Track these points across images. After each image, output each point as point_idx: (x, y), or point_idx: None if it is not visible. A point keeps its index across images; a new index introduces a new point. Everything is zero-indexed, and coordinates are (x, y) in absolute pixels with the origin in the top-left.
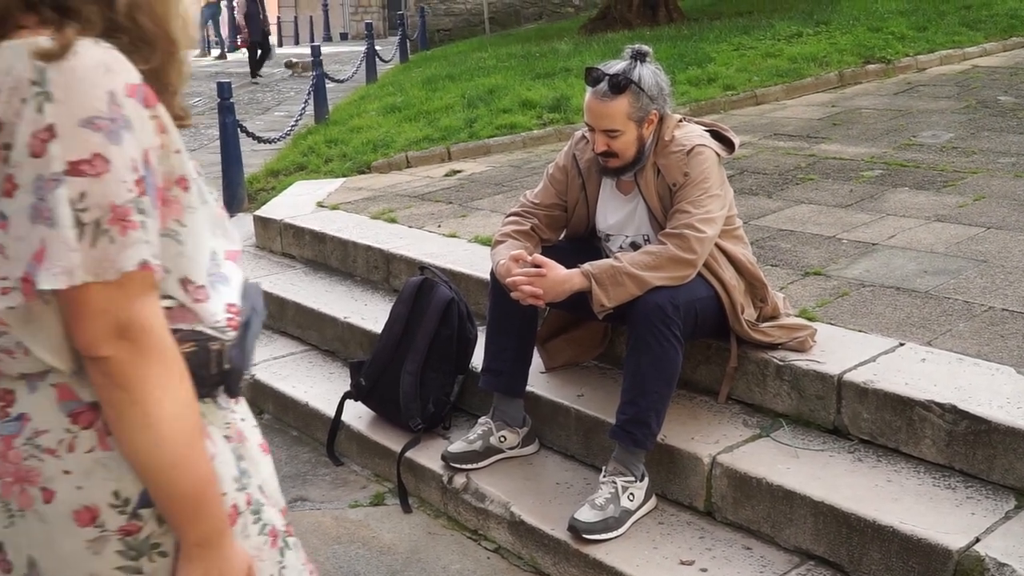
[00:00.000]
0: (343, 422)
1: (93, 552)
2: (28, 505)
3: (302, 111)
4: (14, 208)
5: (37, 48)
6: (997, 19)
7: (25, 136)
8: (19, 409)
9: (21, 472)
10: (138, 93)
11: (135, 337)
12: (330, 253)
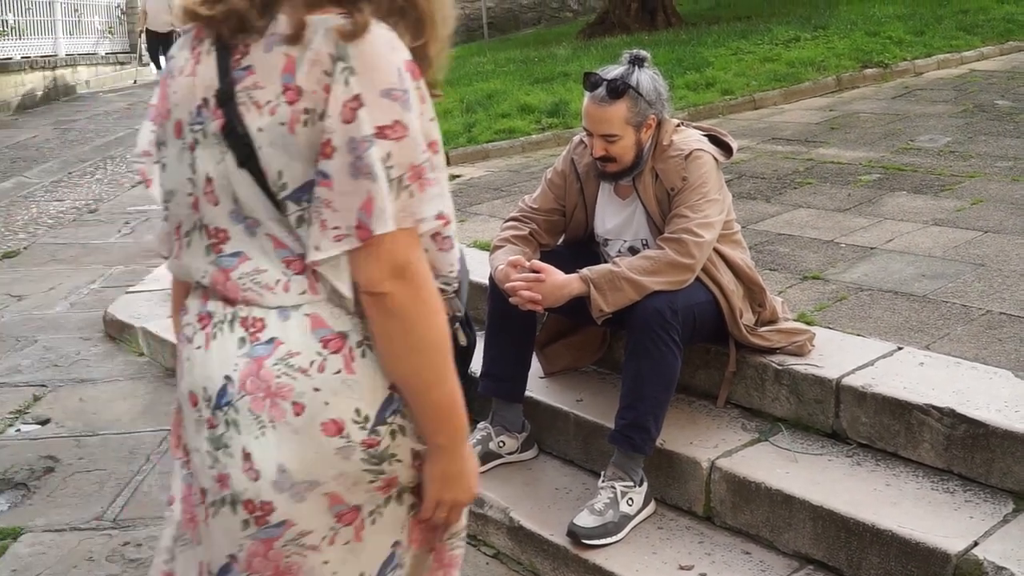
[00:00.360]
0: None
1: (342, 457)
2: (280, 417)
3: None
4: (335, 167)
5: (340, 28)
6: (994, 23)
7: (337, 105)
8: (270, 334)
9: (273, 389)
10: (411, 68)
11: (410, 277)
12: None
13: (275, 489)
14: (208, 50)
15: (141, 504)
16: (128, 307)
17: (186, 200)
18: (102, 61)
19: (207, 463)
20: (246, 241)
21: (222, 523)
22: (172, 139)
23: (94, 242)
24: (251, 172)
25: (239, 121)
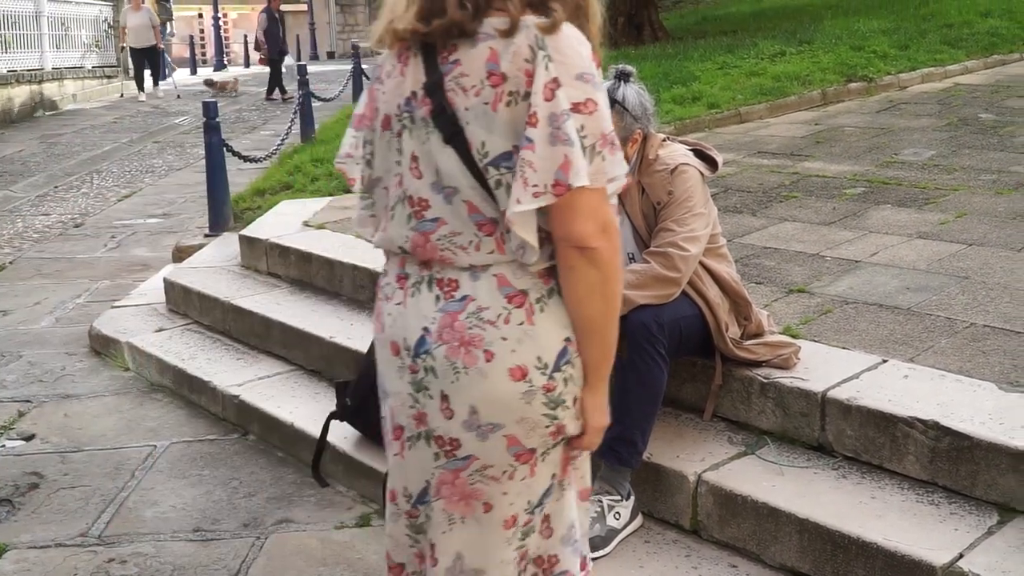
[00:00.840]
0: (329, 442)
1: (525, 401)
2: (472, 363)
3: (288, 130)
4: (538, 135)
5: (540, 24)
6: (978, 37)
7: (539, 86)
8: (463, 292)
9: (466, 338)
10: (595, 58)
11: (612, 233)
12: (316, 273)
13: (464, 428)
14: (415, 54)
15: (126, 520)
16: (113, 322)
17: (393, 180)
18: (89, 75)
19: (407, 403)
20: (444, 208)
21: (418, 455)
22: (380, 133)
23: (80, 256)
24: (455, 147)
25: (448, 104)
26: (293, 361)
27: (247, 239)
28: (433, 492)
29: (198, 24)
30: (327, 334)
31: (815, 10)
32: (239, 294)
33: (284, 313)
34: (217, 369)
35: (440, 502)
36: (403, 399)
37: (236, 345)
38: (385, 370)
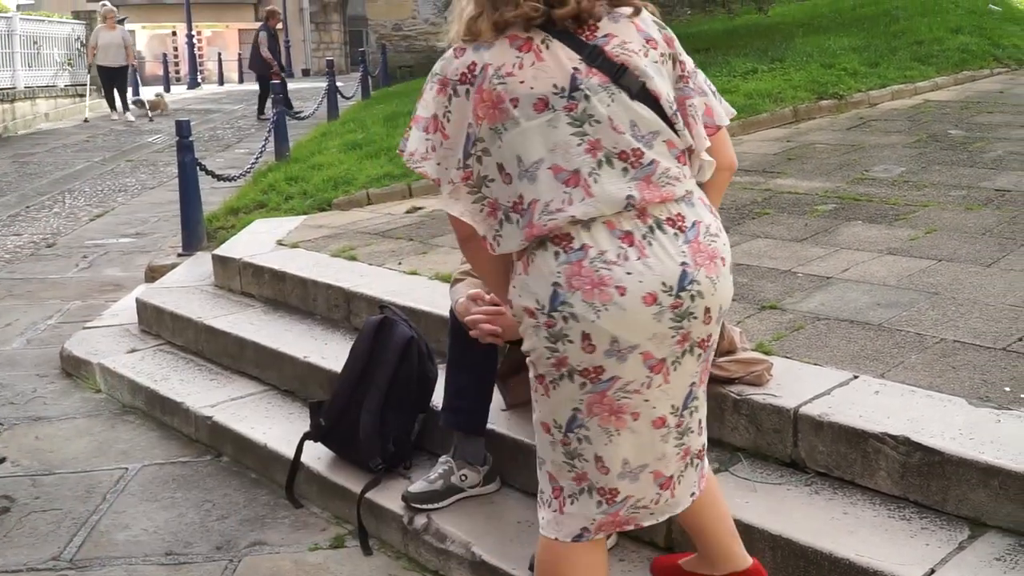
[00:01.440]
0: (303, 463)
1: (656, 320)
2: (719, 272)
3: (262, 148)
4: (693, 88)
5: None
6: (949, 54)
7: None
8: (691, 220)
9: (710, 253)
10: None
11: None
12: (290, 292)
13: (715, 325)
14: (546, 42)
15: (98, 544)
16: (85, 343)
17: (577, 151)
18: (61, 93)
19: (668, 336)
20: (653, 151)
21: (684, 368)
22: (531, 117)
23: (51, 277)
24: (642, 99)
25: (627, 66)
26: (267, 381)
27: (220, 258)
28: (697, 385)
29: (171, 42)
30: (301, 354)
31: (787, 28)
32: (212, 314)
33: (258, 333)
34: (190, 390)
35: (703, 387)
36: (662, 337)
37: (209, 366)
38: (631, 326)
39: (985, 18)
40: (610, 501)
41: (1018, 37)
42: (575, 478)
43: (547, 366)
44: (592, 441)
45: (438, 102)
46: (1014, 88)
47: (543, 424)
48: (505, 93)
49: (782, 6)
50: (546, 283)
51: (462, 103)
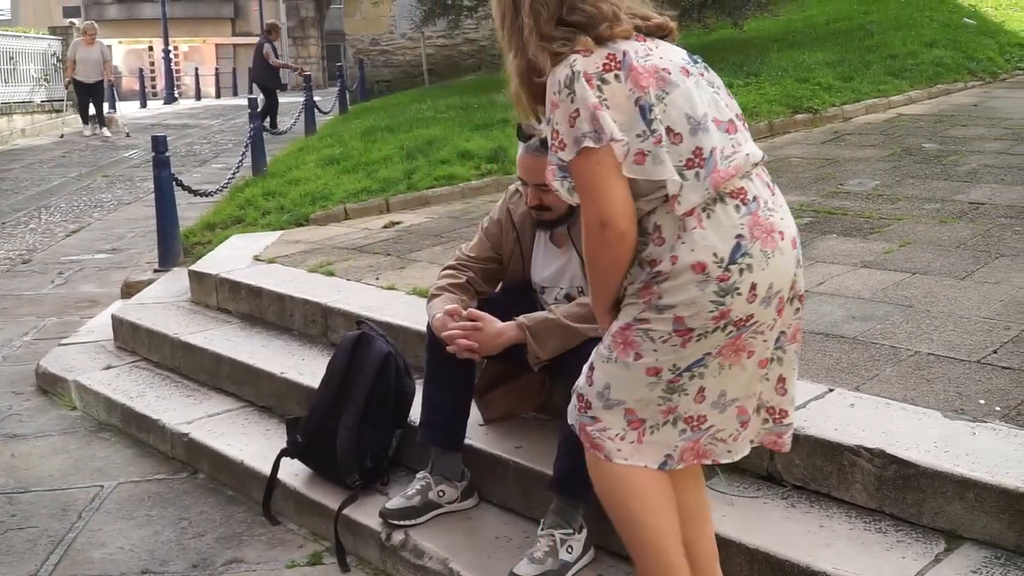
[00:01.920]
0: (280, 480)
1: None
2: (774, 246)
3: (239, 163)
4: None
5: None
6: (923, 67)
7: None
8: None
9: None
10: None
11: None
12: (267, 307)
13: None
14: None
15: (75, 562)
16: (60, 360)
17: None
18: (38, 109)
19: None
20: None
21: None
22: (682, 81)
23: (27, 293)
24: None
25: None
26: (244, 397)
27: (197, 274)
28: (788, 338)
29: (148, 57)
30: (278, 370)
31: (762, 43)
32: (188, 330)
33: (234, 349)
34: (166, 407)
35: (794, 344)
36: (790, 277)
37: (185, 382)
38: (785, 271)
39: (959, 31)
40: (695, 428)
41: (992, 50)
42: (664, 411)
43: (705, 319)
44: (704, 377)
45: (592, 94)
46: (988, 101)
47: (652, 369)
48: (658, 64)
49: (757, 21)
50: (728, 236)
51: (616, 88)
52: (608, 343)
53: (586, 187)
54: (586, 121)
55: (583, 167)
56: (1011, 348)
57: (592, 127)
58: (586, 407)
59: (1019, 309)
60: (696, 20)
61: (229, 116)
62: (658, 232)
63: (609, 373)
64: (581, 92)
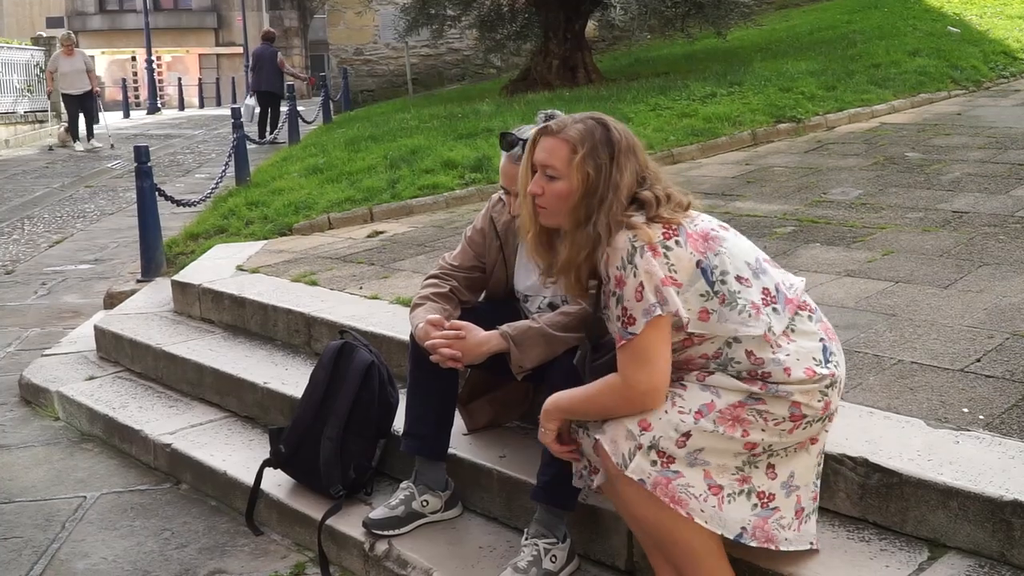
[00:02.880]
0: (263, 490)
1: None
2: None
3: (223, 173)
4: None
5: None
6: (906, 76)
7: None
8: None
9: None
10: None
11: None
12: (250, 317)
13: None
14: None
15: (58, 572)
16: (43, 370)
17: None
18: (21, 120)
19: None
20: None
21: None
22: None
23: (10, 304)
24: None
25: None
26: (227, 408)
27: (180, 284)
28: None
29: (131, 67)
30: (261, 380)
31: (745, 52)
32: (171, 340)
33: (217, 359)
34: (149, 417)
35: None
36: None
37: (168, 392)
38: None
39: (943, 40)
40: (764, 505)
41: (976, 59)
42: (739, 480)
43: (816, 409)
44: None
45: (660, 263)
46: (972, 110)
47: (751, 444)
48: (706, 227)
49: (740, 31)
50: (815, 340)
51: (679, 252)
52: (714, 418)
53: (644, 355)
54: (652, 293)
55: (649, 336)
56: (994, 357)
57: (657, 298)
58: (668, 461)
59: (1002, 318)
60: (679, 30)
61: (213, 126)
62: (752, 355)
63: (708, 440)
64: (646, 265)
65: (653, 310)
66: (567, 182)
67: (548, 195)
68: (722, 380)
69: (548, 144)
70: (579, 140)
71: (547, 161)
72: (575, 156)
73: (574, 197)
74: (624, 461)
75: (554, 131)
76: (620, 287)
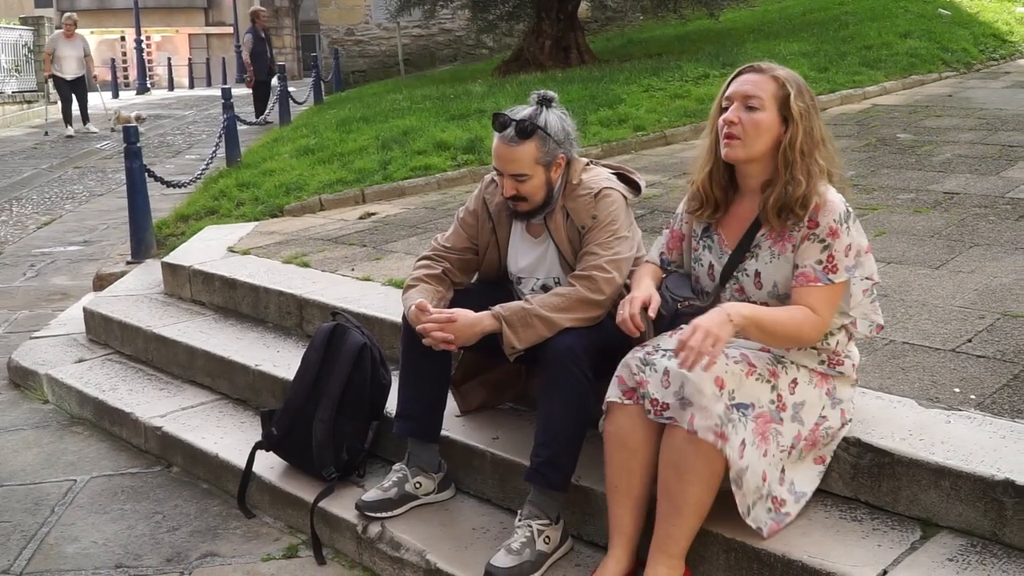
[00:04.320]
0: (255, 473)
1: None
2: None
3: (213, 154)
4: None
5: None
6: (897, 58)
7: None
8: None
9: None
10: None
11: None
12: (241, 299)
13: None
14: None
15: (48, 557)
16: (32, 353)
17: None
18: (9, 100)
19: None
20: None
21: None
22: None
23: None
24: None
25: None
26: (218, 390)
27: (170, 266)
28: None
29: (120, 47)
30: (253, 362)
31: (738, 34)
32: (162, 323)
33: (208, 341)
34: (139, 400)
35: None
36: None
37: (159, 375)
38: None
39: (934, 22)
40: (777, 510)
41: (967, 41)
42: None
43: (848, 419)
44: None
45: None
46: (963, 92)
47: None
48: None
49: (732, 12)
50: (856, 354)
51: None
52: (801, 447)
53: (835, 304)
54: (853, 257)
55: (836, 292)
56: (985, 337)
57: (856, 262)
58: (780, 504)
59: (993, 298)
60: (672, 11)
61: (203, 107)
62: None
63: (798, 471)
64: (857, 232)
65: (848, 272)
66: (769, 114)
67: (747, 124)
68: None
69: (753, 78)
70: (788, 79)
71: (753, 92)
72: (783, 92)
73: (773, 130)
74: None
75: (762, 69)
76: (833, 237)
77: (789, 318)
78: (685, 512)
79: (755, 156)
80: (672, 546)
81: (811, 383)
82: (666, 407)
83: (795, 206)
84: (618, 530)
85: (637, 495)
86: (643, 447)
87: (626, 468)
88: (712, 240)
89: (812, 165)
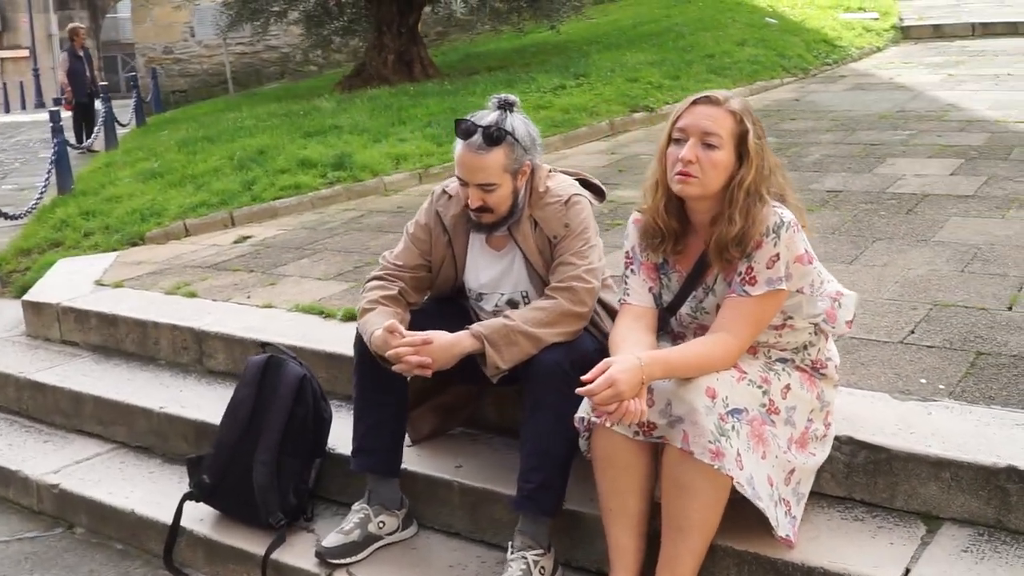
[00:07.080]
0: (183, 527)
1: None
2: None
3: (47, 181)
4: None
5: None
6: (741, 65)
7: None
8: None
9: None
10: None
11: None
12: (124, 336)
13: None
14: None
15: None
16: None
17: None
18: None
19: None
20: None
21: None
22: None
23: None
24: None
25: None
26: (113, 438)
27: (32, 304)
28: None
29: None
30: (155, 405)
31: (576, 45)
32: (34, 367)
33: (95, 385)
34: (23, 456)
35: None
36: None
37: (38, 426)
38: None
39: (765, 31)
40: (788, 513)
41: (800, 48)
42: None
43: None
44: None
45: (801, 243)
46: (807, 96)
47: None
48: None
49: (568, 24)
50: (836, 352)
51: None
52: (796, 450)
53: (755, 319)
54: (782, 268)
55: (764, 304)
56: (926, 327)
57: (786, 273)
58: (788, 507)
59: (916, 289)
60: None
61: (7, 134)
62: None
63: (804, 471)
64: (789, 240)
65: (776, 283)
66: (726, 152)
67: (704, 163)
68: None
69: (710, 112)
70: (743, 112)
71: (712, 129)
72: (740, 128)
73: (730, 168)
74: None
75: (718, 101)
76: (756, 249)
77: (696, 354)
78: (688, 530)
79: (710, 194)
80: (679, 567)
81: (803, 387)
82: (654, 427)
83: (730, 245)
84: (618, 553)
85: (633, 514)
86: (634, 463)
87: (618, 488)
88: (670, 278)
89: (752, 205)
